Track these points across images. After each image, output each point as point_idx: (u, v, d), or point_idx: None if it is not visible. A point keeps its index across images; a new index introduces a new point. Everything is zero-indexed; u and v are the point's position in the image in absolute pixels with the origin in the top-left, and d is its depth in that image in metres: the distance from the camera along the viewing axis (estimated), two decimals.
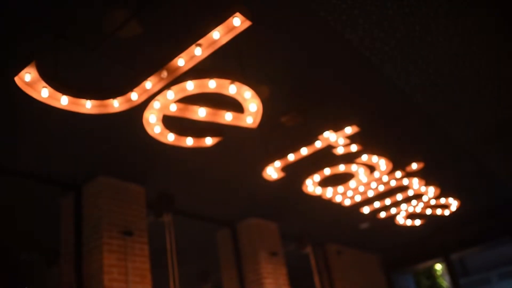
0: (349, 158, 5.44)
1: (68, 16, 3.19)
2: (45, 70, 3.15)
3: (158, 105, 3.61)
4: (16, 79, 3.15)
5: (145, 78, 3.33)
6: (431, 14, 3.75)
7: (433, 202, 7.12)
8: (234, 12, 2.92)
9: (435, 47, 4.14)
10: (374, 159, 5.50)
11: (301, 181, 5.62)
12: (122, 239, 5.14)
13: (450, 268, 10.13)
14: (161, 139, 4.01)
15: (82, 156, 4.88)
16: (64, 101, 3.32)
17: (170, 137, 4.00)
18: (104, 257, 4.92)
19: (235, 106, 3.76)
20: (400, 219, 7.54)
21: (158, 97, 3.51)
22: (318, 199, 6.13)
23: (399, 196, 6.73)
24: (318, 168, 5.41)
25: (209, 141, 4.11)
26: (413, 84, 4.59)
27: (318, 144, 4.99)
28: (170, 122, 3.86)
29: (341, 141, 5.05)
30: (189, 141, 4.04)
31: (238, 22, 2.97)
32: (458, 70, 4.59)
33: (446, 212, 7.60)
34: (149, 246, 5.40)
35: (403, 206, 7.04)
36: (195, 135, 4.02)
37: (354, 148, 5.23)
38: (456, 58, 4.41)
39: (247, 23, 2.99)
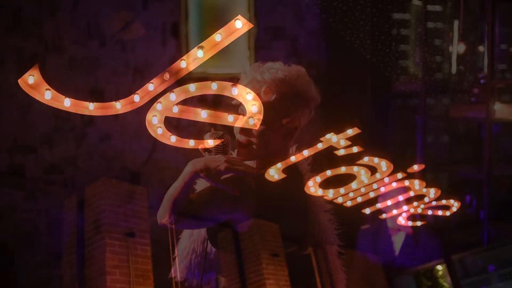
0: (350, 159, 5.45)
1: (71, 18, 3.22)
2: (48, 72, 3.17)
3: (160, 107, 3.63)
4: (20, 81, 3.16)
5: (147, 80, 3.35)
6: (432, 17, 3.77)
7: (434, 203, 7.12)
8: (236, 15, 2.94)
9: (438, 50, 4.15)
10: (375, 160, 5.50)
11: (303, 182, 5.62)
12: (124, 240, 5.14)
13: (451, 269, 10.12)
14: (164, 140, 4.03)
15: (84, 157, 4.90)
16: (67, 103, 3.34)
17: (173, 139, 4.02)
18: (106, 258, 4.93)
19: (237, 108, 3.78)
20: (402, 220, 7.54)
21: (161, 99, 3.53)
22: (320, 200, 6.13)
23: (400, 197, 6.74)
24: (319, 169, 5.42)
25: (211, 142, 4.14)
26: (414, 86, 4.60)
27: (320, 146, 5.00)
28: (171, 123, 3.88)
29: (343, 142, 5.06)
30: (191, 143, 4.06)
31: (240, 24, 2.99)
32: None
33: (448, 213, 7.61)
34: (151, 247, 5.41)
35: (405, 207, 7.04)
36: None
37: (355, 149, 5.23)
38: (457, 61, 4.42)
39: (249, 26, 3.00)
